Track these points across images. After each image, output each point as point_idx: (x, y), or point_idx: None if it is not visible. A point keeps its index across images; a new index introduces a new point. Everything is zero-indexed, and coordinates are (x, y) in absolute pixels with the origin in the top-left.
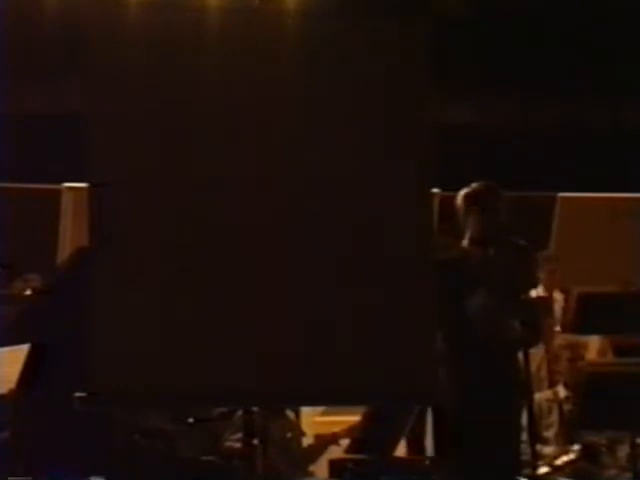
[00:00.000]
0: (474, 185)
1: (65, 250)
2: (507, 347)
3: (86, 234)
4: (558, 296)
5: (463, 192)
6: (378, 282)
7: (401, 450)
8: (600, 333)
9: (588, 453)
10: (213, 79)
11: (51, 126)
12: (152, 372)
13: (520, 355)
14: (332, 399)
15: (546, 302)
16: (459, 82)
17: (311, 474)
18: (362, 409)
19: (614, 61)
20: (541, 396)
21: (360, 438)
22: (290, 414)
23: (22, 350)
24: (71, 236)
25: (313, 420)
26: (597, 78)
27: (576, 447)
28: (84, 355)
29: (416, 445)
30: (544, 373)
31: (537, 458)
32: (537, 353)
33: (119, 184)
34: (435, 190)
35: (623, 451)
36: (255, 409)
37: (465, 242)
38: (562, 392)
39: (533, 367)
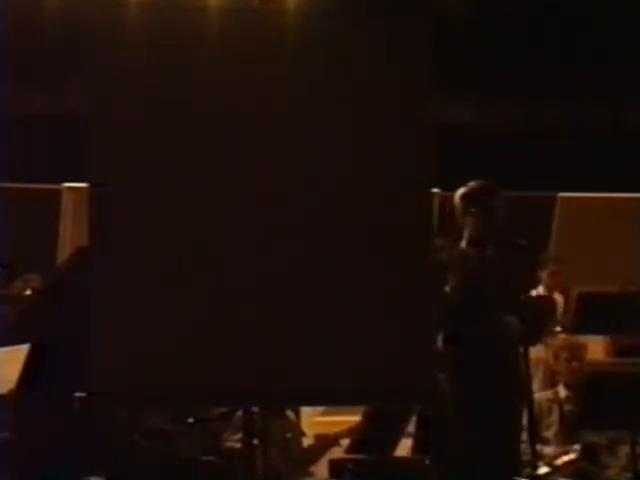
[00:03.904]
0: (471, 185)
1: (65, 250)
2: (507, 347)
3: (86, 234)
4: (558, 297)
5: (460, 192)
6: (378, 282)
7: (404, 450)
8: (600, 333)
9: (588, 453)
10: (213, 79)
11: (51, 126)
12: (152, 372)
13: (520, 355)
14: (332, 399)
15: (548, 302)
16: (459, 82)
17: (311, 474)
18: (362, 409)
19: (614, 61)
20: (541, 396)
21: (360, 438)
22: (290, 414)
23: (22, 350)
24: (71, 236)
25: (313, 420)
26: (597, 78)
27: (576, 447)
28: (84, 355)
29: (422, 445)
30: (544, 373)
31: (537, 458)
32: (537, 353)
33: (119, 184)
34: (435, 190)
35: (623, 451)
36: (255, 409)
37: (463, 243)
38: (562, 392)
39: (532, 367)
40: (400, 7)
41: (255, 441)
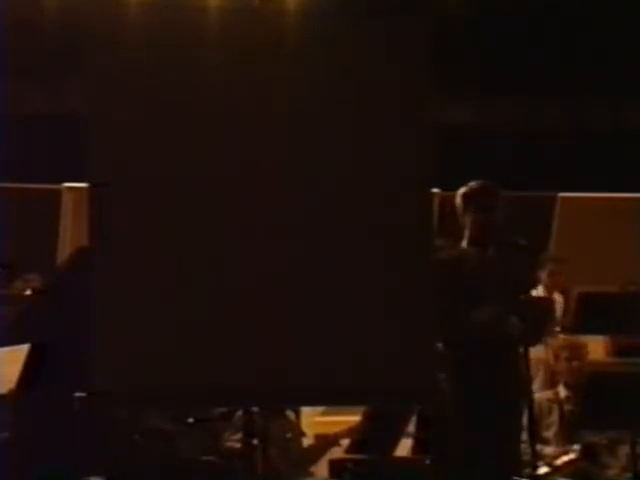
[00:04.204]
0: (472, 184)
1: (65, 250)
2: (507, 347)
3: (86, 234)
4: (558, 297)
5: (461, 192)
6: (378, 282)
7: (404, 450)
8: (600, 333)
9: (588, 453)
10: (213, 79)
11: (51, 126)
12: (152, 372)
13: (520, 355)
14: (332, 399)
15: (548, 303)
16: (459, 82)
17: (311, 474)
18: (362, 409)
19: (614, 61)
20: (541, 396)
21: (360, 438)
22: (290, 414)
23: (22, 350)
24: (71, 236)
25: (313, 420)
26: (597, 78)
27: (576, 447)
28: (84, 355)
29: (422, 445)
30: (544, 373)
31: (537, 458)
32: (537, 353)
33: (119, 184)
34: (435, 190)
35: (623, 451)
36: (255, 409)
37: (464, 243)
38: (562, 392)
39: (532, 367)
40: (400, 7)
41: (255, 441)
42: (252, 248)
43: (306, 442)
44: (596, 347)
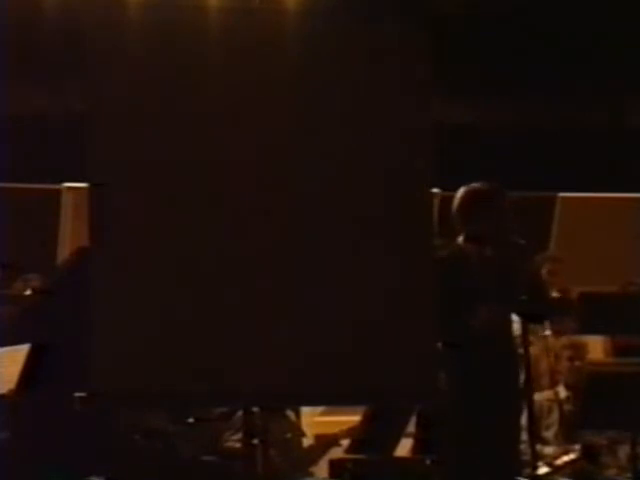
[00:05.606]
0: (478, 185)
1: (65, 250)
2: (507, 347)
3: (86, 234)
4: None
5: (468, 190)
6: (378, 282)
7: (404, 450)
8: (600, 333)
9: (588, 453)
10: (213, 79)
11: (51, 126)
12: (152, 372)
13: (520, 355)
14: (332, 399)
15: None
16: (459, 82)
17: (311, 474)
18: (362, 409)
19: (614, 61)
20: (541, 396)
21: (360, 438)
22: (290, 414)
23: (22, 350)
24: (71, 236)
25: (313, 420)
26: (597, 78)
27: (576, 447)
28: (84, 355)
29: (422, 445)
30: (544, 373)
31: (537, 458)
32: (537, 353)
33: (119, 184)
34: (435, 190)
35: (623, 451)
36: (255, 409)
37: (460, 239)
38: (562, 392)
39: (533, 367)
40: (400, 6)
41: (255, 441)
42: (253, 248)
43: (306, 442)
44: (596, 347)
